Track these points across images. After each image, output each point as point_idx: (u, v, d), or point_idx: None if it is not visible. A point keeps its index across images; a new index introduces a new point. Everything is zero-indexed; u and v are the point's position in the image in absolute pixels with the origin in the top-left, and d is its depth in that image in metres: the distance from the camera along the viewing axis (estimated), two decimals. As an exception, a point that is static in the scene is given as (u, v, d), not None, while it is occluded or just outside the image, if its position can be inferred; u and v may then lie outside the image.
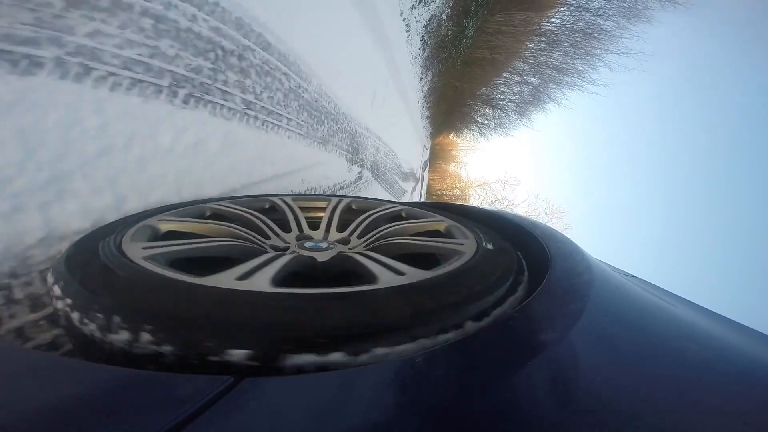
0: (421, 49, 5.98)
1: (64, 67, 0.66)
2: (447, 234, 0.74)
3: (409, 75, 5.90)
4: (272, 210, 0.85)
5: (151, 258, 0.48)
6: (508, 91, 13.76)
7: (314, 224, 0.82)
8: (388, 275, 0.48)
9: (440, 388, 0.30)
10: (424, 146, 13.29)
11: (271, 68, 1.35)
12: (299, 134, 1.63)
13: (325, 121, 1.94)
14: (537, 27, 10.09)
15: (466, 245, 0.60)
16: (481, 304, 0.43)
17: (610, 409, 0.29)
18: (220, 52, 1.06)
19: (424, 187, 15.26)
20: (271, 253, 0.57)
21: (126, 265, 0.44)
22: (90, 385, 0.30)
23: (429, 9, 5.19)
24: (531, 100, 13.97)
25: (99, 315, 0.36)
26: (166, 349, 0.34)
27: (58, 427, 0.25)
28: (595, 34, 10.32)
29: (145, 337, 0.34)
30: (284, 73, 1.45)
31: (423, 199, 13.60)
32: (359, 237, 0.78)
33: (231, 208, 0.76)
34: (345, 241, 0.76)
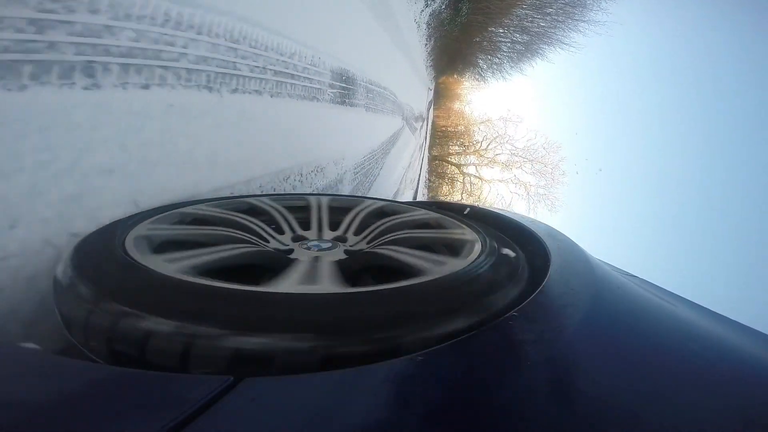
0: (426, 30, 8.65)
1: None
2: (440, 225, 0.76)
3: (419, 50, 8.63)
4: (256, 212, 0.82)
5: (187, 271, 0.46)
6: (503, 40, 16.25)
7: (303, 224, 0.82)
8: (433, 266, 0.52)
9: (441, 388, 0.30)
10: (429, 89, 15.72)
11: (385, 92, 4.47)
12: (394, 113, 4.83)
13: (398, 107, 5.21)
14: None
15: (468, 234, 0.65)
16: (534, 272, 0.52)
17: (610, 408, 0.30)
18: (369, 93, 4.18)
19: (430, 125, 17.66)
20: (306, 257, 0.58)
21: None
22: (90, 385, 0.30)
23: (430, 8, 7.86)
24: (522, 51, 16.54)
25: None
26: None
27: (58, 427, 0.25)
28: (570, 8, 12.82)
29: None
30: (392, 94, 4.61)
31: (426, 138, 16.15)
32: (356, 234, 0.80)
33: (213, 212, 0.74)
34: (342, 240, 0.77)
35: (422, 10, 7.35)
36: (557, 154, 25.28)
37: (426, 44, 9.90)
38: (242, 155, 1.20)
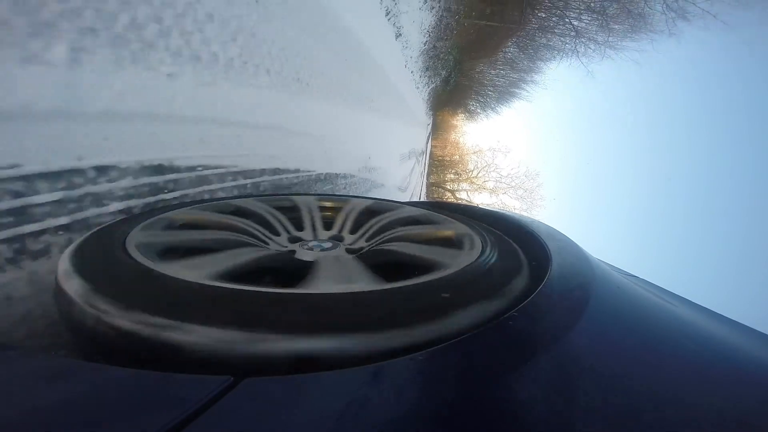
0: (427, 97, 13.23)
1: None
2: (455, 242, 0.69)
3: (423, 108, 13.16)
4: (293, 209, 0.85)
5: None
6: (481, 90, 21.46)
7: (330, 224, 0.84)
8: (340, 282, 0.48)
9: (440, 388, 0.30)
10: (427, 125, 19.95)
11: (413, 151, 8.95)
12: (413, 158, 9.43)
13: (414, 153, 9.80)
14: (497, 57, 17.45)
15: (459, 260, 0.56)
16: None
17: (610, 408, 0.30)
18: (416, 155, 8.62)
19: (428, 156, 21.66)
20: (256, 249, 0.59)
21: None
22: (90, 385, 0.30)
23: (429, 87, 12.42)
24: (497, 97, 22.16)
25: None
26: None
27: (58, 427, 0.25)
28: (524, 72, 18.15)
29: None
30: (413, 148, 9.15)
31: (425, 166, 19.87)
32: (367, 240, 0.78)
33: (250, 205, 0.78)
34: (339, 239, 0.78)
35: (426, 91, 11.91)
36: (535, 181, 29.31)
37: (427, 101, 14.46)
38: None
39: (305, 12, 1.94)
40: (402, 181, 6.42)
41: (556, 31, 12.78)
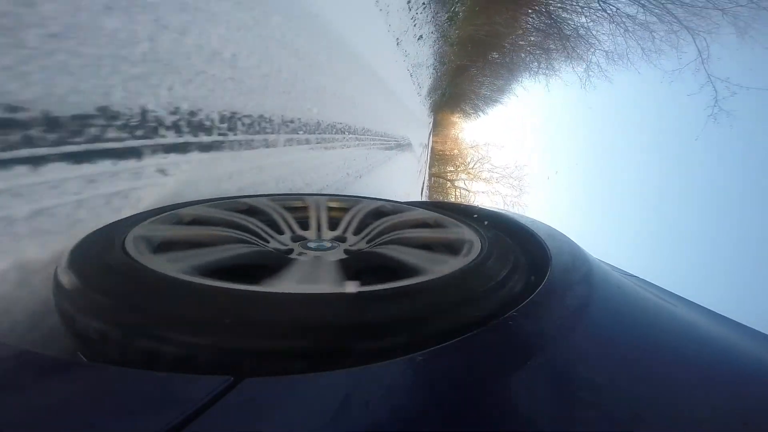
0: (429, 105, 18.47)
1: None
2: (438, 224, 0.75)
3: (425, 113, 18.39)
4: (254, 212, 0.82)
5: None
6: (473, 97, 26.95)
7: (301, 224, 0.83)
8: (432, 264, 0.52)
9: (440, 388, 0.30)
10: (429, 123, 21.48)
11: (423, 143, 14.35)
12: (424, 151, 14.83)
13: (423, 146, 15.14)
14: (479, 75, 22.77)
15: (468, 233, 0.66)
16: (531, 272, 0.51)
17: (610, 408, 0.30)
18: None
19: (429, 150, 23.62)
20: (306, 257, 0.60)
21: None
22: (90, 385, 0.30)
23: (431, 100, 17.70)
24: (486, 100, 27.95)
25: None
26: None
27: (58, 428, 0.25)
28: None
29: None
30: (422, 143, 14.58)
31: (428, 158, 21.26)
32: (355, 234, 0.80)
33: (214, 212, 0.74)
34: (341, 239, 0.77)
35: (428, 104, 17.23)
36: (521, 172, 32.15)
37: (428, 108, 19.62)
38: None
39: (390, 97, 6.97)
40: (420, 156, 11.86)
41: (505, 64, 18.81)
